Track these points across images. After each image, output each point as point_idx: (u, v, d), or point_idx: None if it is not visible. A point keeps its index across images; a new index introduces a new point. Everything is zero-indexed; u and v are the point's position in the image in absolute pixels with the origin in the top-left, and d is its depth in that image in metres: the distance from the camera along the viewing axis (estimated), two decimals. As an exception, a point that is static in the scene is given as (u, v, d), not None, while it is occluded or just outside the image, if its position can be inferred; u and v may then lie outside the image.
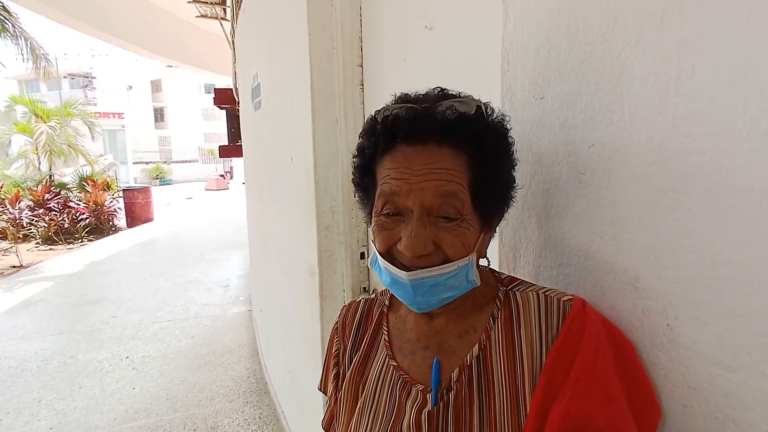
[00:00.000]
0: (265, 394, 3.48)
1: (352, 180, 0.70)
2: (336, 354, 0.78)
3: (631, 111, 0.57)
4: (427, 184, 0.56)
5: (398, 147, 0.59)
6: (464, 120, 0.58)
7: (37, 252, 9.04)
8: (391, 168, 0.59)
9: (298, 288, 2.19)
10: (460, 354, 0.63)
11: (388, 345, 0.70)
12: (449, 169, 0.57)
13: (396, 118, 0.59)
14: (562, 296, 0.62)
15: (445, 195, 0.56)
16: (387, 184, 0.59)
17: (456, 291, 0.60)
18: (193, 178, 28.78)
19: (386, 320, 0.73)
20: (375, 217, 0.62)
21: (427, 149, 0.57)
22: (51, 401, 3.43)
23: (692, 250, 0.52)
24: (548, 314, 0.60)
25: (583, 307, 0.59)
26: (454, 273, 0.58)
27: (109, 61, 30.45)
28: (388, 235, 0.60)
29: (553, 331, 0.58)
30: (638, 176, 0.57)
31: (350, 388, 0.71)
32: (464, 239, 0.58)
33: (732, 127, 0.47)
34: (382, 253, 0.61)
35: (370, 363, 0.71)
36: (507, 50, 0.76)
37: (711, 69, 0.49)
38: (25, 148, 12.72)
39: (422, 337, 0.67)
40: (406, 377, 0.65)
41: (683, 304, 0.53)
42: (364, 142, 0.64)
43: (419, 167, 0.57)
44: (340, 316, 0.81)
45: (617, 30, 0.58)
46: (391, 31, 1.36)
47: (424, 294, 0.59)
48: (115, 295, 6.00)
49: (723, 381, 0.50)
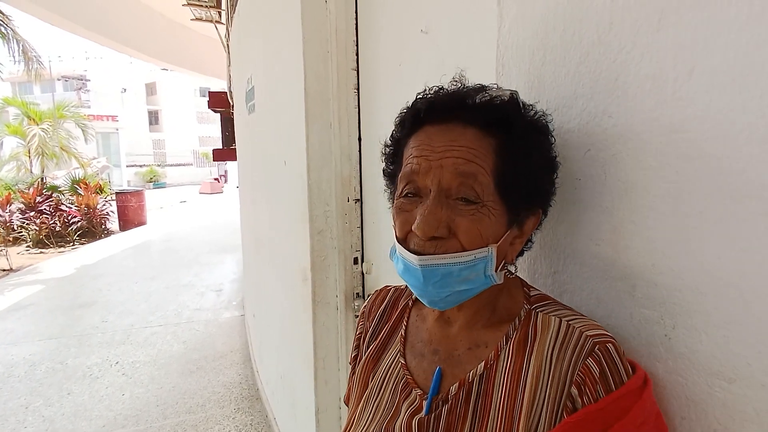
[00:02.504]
0: (257, 400, 3.44)
1: (383, 171, 0.68)
2: (358, 337, 0.78)
3: (627, 115, 0.56)
4: (446, 161, 0.54)
5: (424, 127, 0.58)
6: (494, 103, 0.56)
7: (28, 255, 8.93)
8: (414, 146, 0.57)
9: (290, 293, 2.17)
10: (465, 367, 0.60)
11: (403, 341, 0.69)
12: (471, 149, 0.54)
13: (424, 99, 0.59)
14: (590, 329, 0.54)
15: (463, 175, 0.53)
16: (408, 164, 0.57)
17: (472, 285, 0.56)
18: (187, 181, 28.63)
19: (408, 315, 0.72)
20: (396, 200, 0.60)
21: (451, 128, 0.55)
22: (38, 408, 3.36)
23: (690, 258, 0.50)
24: (563, 346, 0.54)
25: (642, 387, 0.51)
26: (469, 264, 0.54)
27: (104, 63, 30.27)
28: (406, 218, 0.57)
29: (563, 366, 0.52)
30: (635, 182, 0.56)
31: (362, 374, 0.70)
32: (482, 227, 0.54)
33: (730, 131, 0.46)
34: (400, 238, 0.58)
35: (384, 354, 0.70)
36: (502, 54, 0.75)
37: (709, 73, 0.48)
38: (17, 151, 12.60)
39: (434, 340, 0.65)
40: (409, 378, 0.64)
41: (681, 313, 0.52)
42: (394, 129, 0.64)
43: (440, 144, 0.55)
44: (369, 300, 0.80)
45: (613, 33, 0.57)
46: (386, 35, 1.36)
47: (435, 284, 0.55)
48: (107, 299, 5.93)
49: (722, 392, 0.49)
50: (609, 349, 0.51)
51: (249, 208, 3.79)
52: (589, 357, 0.51)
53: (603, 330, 0.54)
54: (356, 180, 1.66)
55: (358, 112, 1.61)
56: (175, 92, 32.94)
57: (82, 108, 19.26)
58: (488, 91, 0.57)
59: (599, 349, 0.51)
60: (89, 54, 30.88)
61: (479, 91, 0.58)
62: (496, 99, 0.56)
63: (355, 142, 1.63)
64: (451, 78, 0.62)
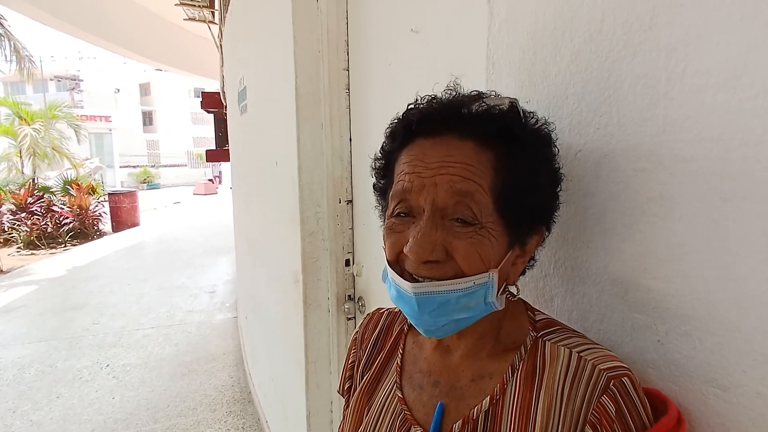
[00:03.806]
0: (249, 403, 3.40)
1: (373, 186, 0.64)
2: (351, 366, 0.73)
3: (619, 115, 0.55)
4: (441, 178, 0.49)
5: (417, 140, 0.53)
6: (492, 113, 0.52)
7: (19, 257, 8.83)
8: (406, 162, 0.53)
9: (282, 295, 2.14)
10: (469, 401, 0.55)
11: (399, 372, 0.63)
12: (468, 165, 0.50)
13: (417, 110, 0.55)
14: (603, 361, 0.49)
15: (459, 194, 0.49)
16: (400, 181, 0.53)
17: (471, 313, 0.51)
18: (181, 182, 28.48)
19: (404, 342, 0.66)
20: (386, 219, 0.55)
21: (445, 141, 0.51)
22: (26, 411, 3.31)
23: (683, 262, 0.49)
24: (575, 381, 0.49)
25: (676, 429, 0.47)
26: (468, 291, 0.50)
27: (97, 63, 30.11)
28: (396, 240, 0.53)
29: (575, 404, 0.48)
30: (627, 183, 0.54)
31: (356, 408, 0.65)
32: (482, 250, 0.50)
33: (724, 132, 0.45)
34: (391, 261, 0.54)
35: (379, 387, 0.65)
36: (492, 52, 0.73)
37: (702, 72, 0.47)
38: (8, 151, 12.47)
39: (434, 371, 0.60)
40: (407, 414, 0.58)
41: (674, 319, 0.51)
42: (384, 141, 0.60)
43: (434, 160, 0.50)
44: (361, 326, 0.75)
45: (605, 31, 0.56)
46: (377, 35, 1.34)
47: (431, 313, 0.51)
48: (98, 301, 5.87)
49: (716, 400, 0.47)
50: (625, 384, 0.47)
51: (242, 210, 3.76)
52: (603, 394, 0.47)
53: (617, 361, 0.50)
54: (348, 181, 1.64)
55: (349, 112, 1.60)
56: (170, 93, 32.78)
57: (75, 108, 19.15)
58: (485, 99, 0.53)
59: (614, 385, 0.47)
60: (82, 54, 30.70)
61: (476, 100, 0.53)
62: (494, 108, 0.52)
63: (347, 142, 1.61)
64: (444, 86, 0.58)
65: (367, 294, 1.63)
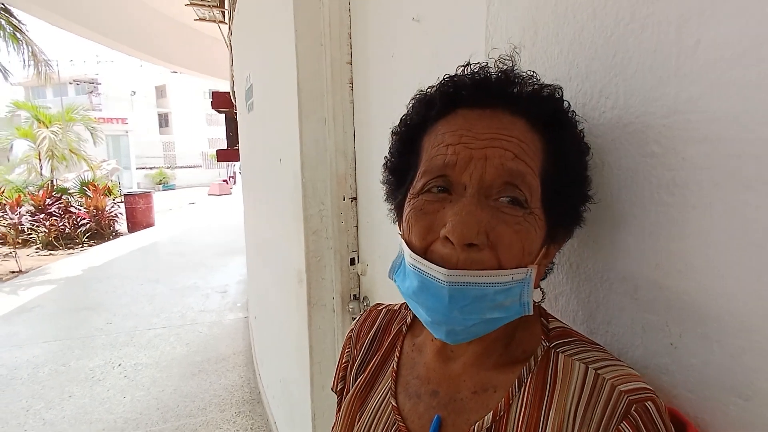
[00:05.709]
0: (258, 403, 3.39)
1: (384, 165, 0.56)
2: (345, 366, 0.67)
3: (626, 96, 0.50)
4: (493, 151, 0.43)
5: (459, 111, 0.47)
6: (546, 93, 0.47)
7: (37, 257, 9.00)
8: (446, 132, 0.46)
9: (288, 295, 2.12)
10: (470, 416, 0.49)
11: (395, 377, 0.58)
12: (522, 142, 0.44)
13: (463, 77, 0.48)
14: (624, 382, 0.43)
15: (511, 174, 0.43)
16: (440, 154, 0.45)
17: (504, 313, 0.45)
18: (196, 183, 28.81)
19: (401, 344, 0.60)
20: (411, 200, 0.48)
21: (496, 115, 0.45)
22: (39, 410, 3.35)
23: (698, 255, 0.44)
24: (590, 402, 0.43)
25: None
26: (507, 286, 0.43)
27: (115, 67, 30.61)
28: (430, 223, 0.45)
29: (590, 429, 0.42)
30: (636, 170, 0.50)
31: (347, 413, 0.60)
32: (527, 241, 0.44)
33: (741, 111, 0.40)
34: (420, 249, 0.46)
35: (372, 392, 0.59)
36: (491, 34, 0.69)
37: (716, 45, 0.42)
38: (28, 154, 12.73)
39: (433, 379, 0.54)
40: (401, 425, 0.53)
41: (689, 319, 0.46)
42: (407, 114, 0.53)
43: (485, 131, 0.44)
44: (357, 323, 0.69)
45: (610, 5, 0.51)
46: (378, 25, 1.30)
47: (463, 309, 0.44)
48: (112, 301, 5.94)
49: (737, 410, 0.42)
50: (649, 409, 0.41)
51: (250, 209, 3.76)
52: (624, 420, 0.41)
53: (640, 382, 0.43)
54: (352, 178, 1.61)
55: (352, 107, 1.56)
56: (185, 95, 33.20)
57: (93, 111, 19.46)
58: (536, 79, 0.48)
59: (636, 410, 0.41)
60: (100, 58, 31.22)
61: (528, 78, 0.48)
62: (545, 90, 0.47)
63: (351, 138, 1.58)
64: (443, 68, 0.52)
65: (373, 293, 1.59)
